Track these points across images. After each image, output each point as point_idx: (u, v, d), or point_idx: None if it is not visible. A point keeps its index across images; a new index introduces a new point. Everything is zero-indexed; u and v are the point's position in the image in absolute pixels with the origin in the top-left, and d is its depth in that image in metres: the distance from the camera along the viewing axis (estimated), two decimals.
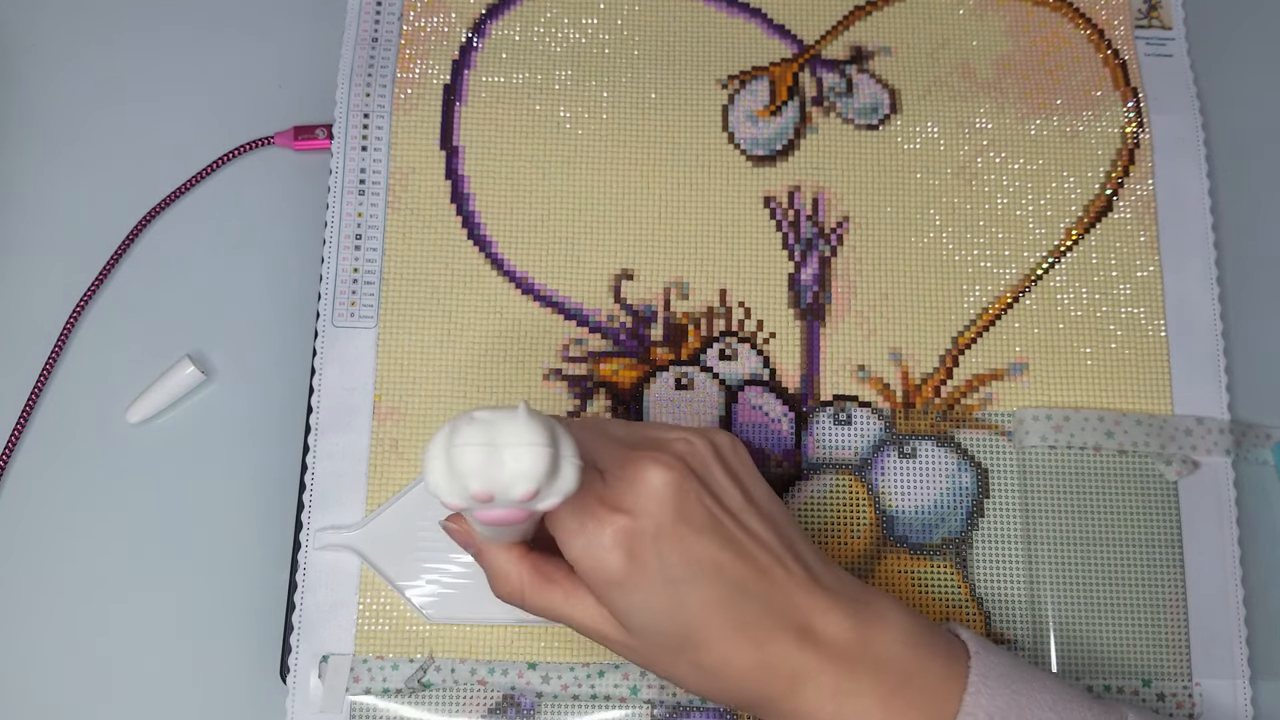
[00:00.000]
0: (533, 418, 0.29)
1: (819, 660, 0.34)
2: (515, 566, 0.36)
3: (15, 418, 0.47)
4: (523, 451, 0.29)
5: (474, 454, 0.29)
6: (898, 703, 0.34)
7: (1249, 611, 0.45)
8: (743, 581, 0.34)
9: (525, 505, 0.30)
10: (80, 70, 0.52)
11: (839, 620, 0.35)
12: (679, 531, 0.34)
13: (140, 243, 0.50)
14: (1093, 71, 0.51)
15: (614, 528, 0.33)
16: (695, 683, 0.35)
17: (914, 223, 0.49)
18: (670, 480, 0.34)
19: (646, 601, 0.34)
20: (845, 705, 0.34)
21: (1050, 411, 0.46)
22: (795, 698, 0.34)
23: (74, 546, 0.46)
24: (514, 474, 0.29)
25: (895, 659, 0.34)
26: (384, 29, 0.50)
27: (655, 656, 0.35)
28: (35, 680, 0.45)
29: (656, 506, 0.34)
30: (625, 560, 0.33)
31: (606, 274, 0.48)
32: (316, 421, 0.46)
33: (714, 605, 0.34)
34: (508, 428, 0.29)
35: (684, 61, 0.51)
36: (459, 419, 0.30)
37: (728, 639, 0.34)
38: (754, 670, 0.34)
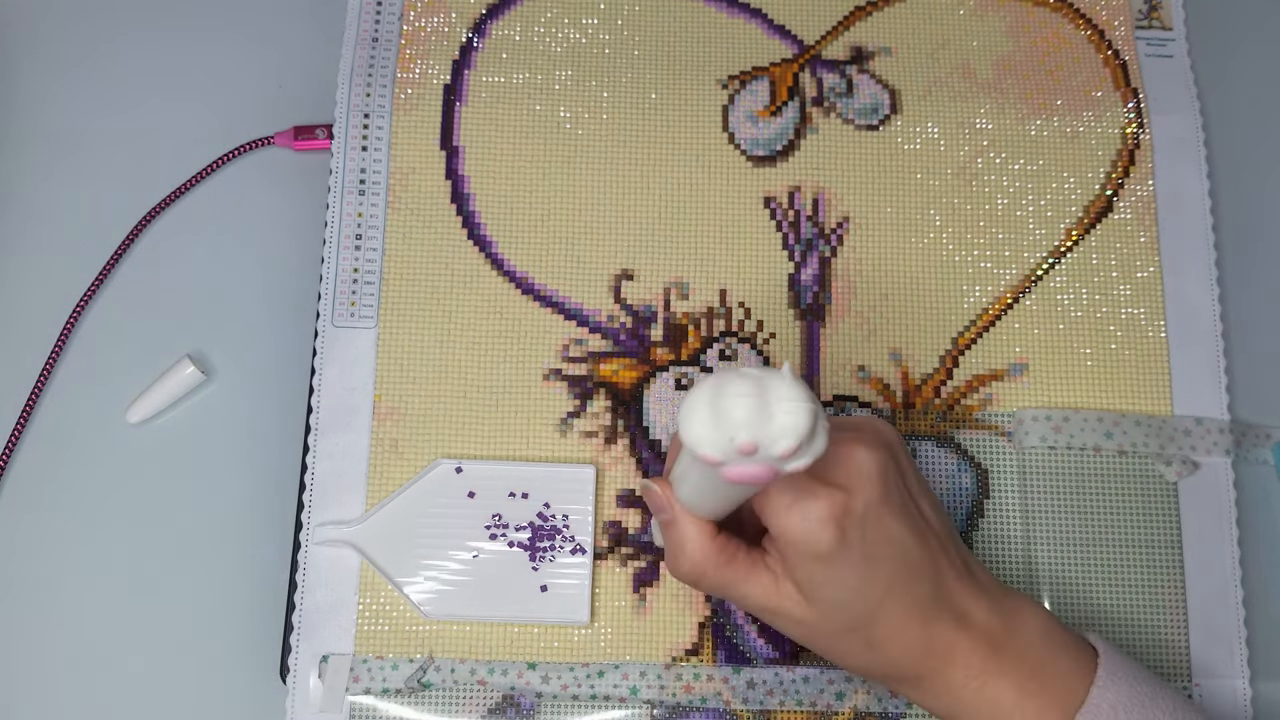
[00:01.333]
0: (797, 379, 0.30)
1: (970, 642, 0.36)
2: (705, 541, 0.37)
3: (15, 418, 0.47)
4: (793, 407, 0.30)
5: (746, 405, 0.29)
6: (1033, 685, 0.36)
7: (1249, 612, 0.45)
8: (920, 563, 0.36)
9: (781, 463, 0.31)
10: (80, 71, 0.52)
11: (987, 608, 0.37)
12: (881, 511, 0.35)
13: (140, 243, 0.50)
14: (1093, 72, 0.51)
15: (828, 503, 0.35)
16: (857, 659, 0.37)
17: (914, 223, 0.49)
18: (880, 460, 0.36)
19: (844, 577, 0.35)
20: (987, 684, 0.36)
21: (1050, 412, 0.46)
22: (944, 675, 0.37)
23: (74, 546, 0.46)
24: (782, 429, 0.30)
25: (1033, 649, 0.37)
26: (384, 29, 0.50)
27: (829, 631, 0.37)
28: (35, 680, 0.45)
29: (868, 485, 0.35)
30: (836, 536, 0.35)
31: (606, 274, 0.48)
32: (316, 421, 0.46)
33: (897, 585, 0.36)
34: (778, 385, 0.30)
35: (684, 62, 0.51)
36: (724, 373, 0.30)
37: (900, 616, 0.36)
38: (916, 648, 0.36)
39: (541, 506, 0.45)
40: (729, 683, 0.43)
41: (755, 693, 0.43)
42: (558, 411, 0.46)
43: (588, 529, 0.44)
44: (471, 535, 0.44)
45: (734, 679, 0.43)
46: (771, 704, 0.43)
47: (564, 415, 0.46)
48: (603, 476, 0.45)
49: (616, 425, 0.46)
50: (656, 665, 0.44)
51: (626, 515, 0.45)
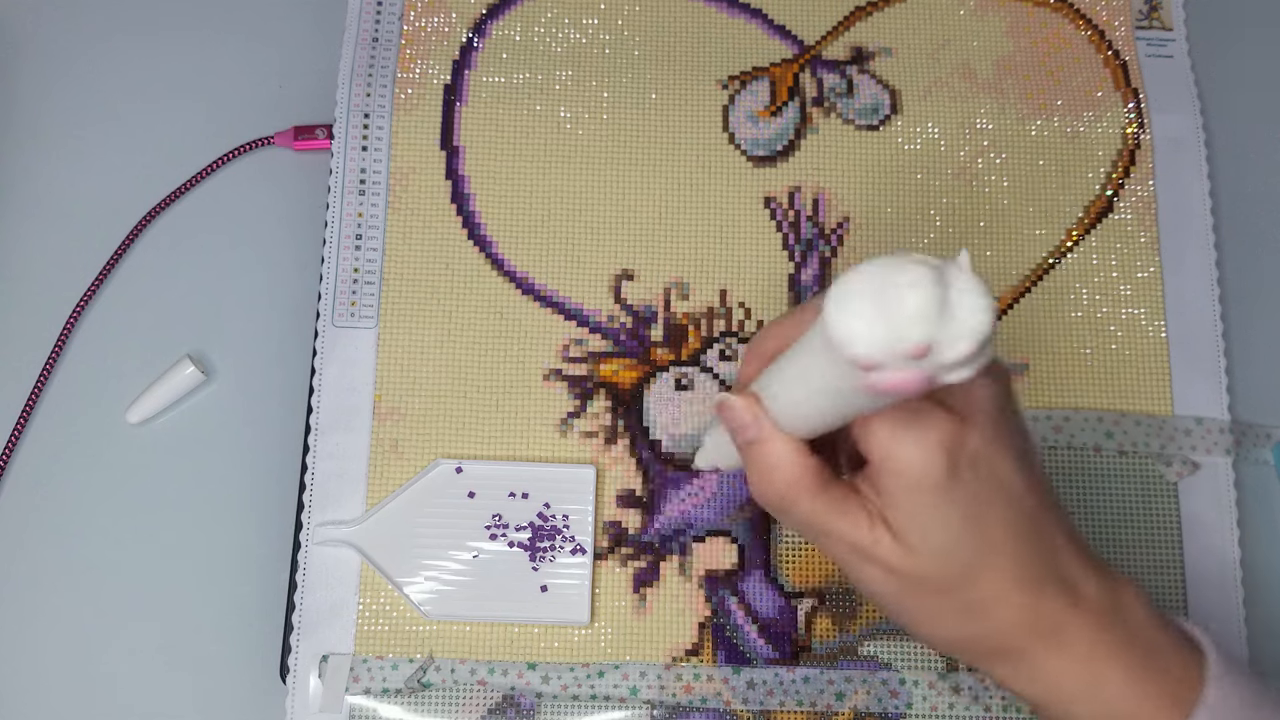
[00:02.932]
0: (976, 271, 0.26)
1: (1081, 619, 0.32)
2: (800, 462, 0.32)
3: (15, 418, 0.47)
4: (978, 303, 0.25)
5: (925, 296, 0.25)
6: (1143, 674, 0.32)
7: (1249, 612, 0.45)
8: (1032, 516, 0.32)
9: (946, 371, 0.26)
10: (81, 71, 0.52)
11: (1096, 578, 0.33)
12: (997, 449, 0.32)
13: (140, 243, 0.49)
14: (1093, 72, 0.51)
15: (940, 430, 0.31)
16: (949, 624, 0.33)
17: (914, 223, 0.49)
18: (998, 393, 0.32)
19: (949, 518, 0.31)
20: (1097, 667, 0.32)
21: (1050, 412, 0.46)
22: (1047, 653, 0.33)
23: (74, 546, 0.46)
24: (966, 325, 0.25)
25: (1143, 634, 0.33)
26: (384, 29, 0.50)
27: (923, 586, 0.32)
28: (36, 680, 0.44)
29: (985, 418, 0.31)
30: (948, 465, 0.31)
31: (606, 274, 0.48)
32: (316, 421, 0.46)
33: (1008, 539, 0.32)
34: (959, 275, 0.25)
35: (684, 62, 0.51)
36: (891, 258, 0.25)
37: (1009, 574, 0.32)
38: (1023, 615, 0.32)
39: (541, 507, 0.45)
40: (729, 683, 0.43)
41: (755, 693, 0.43)
42: (558, 411, 0.46)
43: (588, 529, 0.44)
44: (471, 535, 0.44)
45: (734, 679, 0.43)
46: (771, 704, 0.43)
47: (564, 415, 0.46)
48: (603, 476, 0.45)
49: (616, 425, 0.46)
50: (656, 665, 0.44)
51: (627, 515, 0.45)
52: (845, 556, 0.33)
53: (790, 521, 0.34)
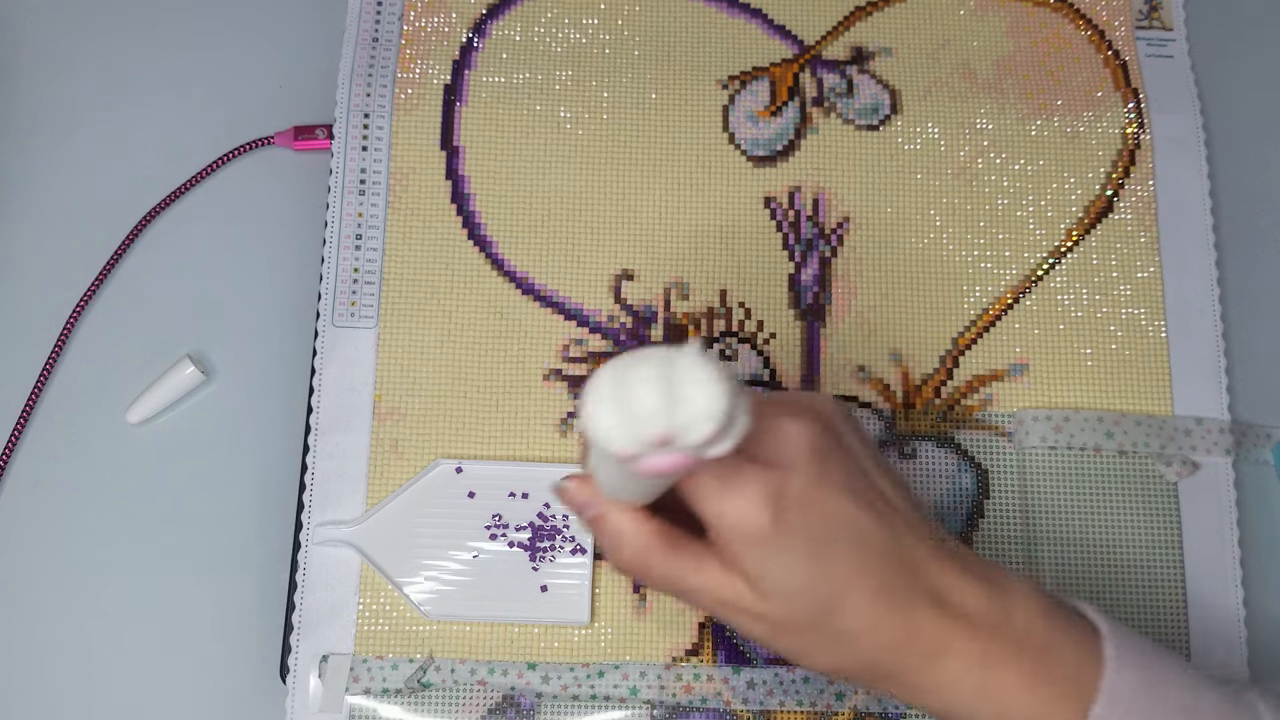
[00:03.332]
0: (708, 355, 0.27)
1: (961, 630, 0.33)
2: (642, 528, 0.34)
3: (15, 418, 0.47)
4: (707, 389, 0.27)
5: (654, 394, 0.26)
6: (1038, 676, 0.33)
7: (1249, 612, 0.45)
8: (884, 545, 0.33)
9: (701, 450, 0.28)
10: (80, 70, 0.52)
11: (974, 588, 0.33)
12: (822, 489, 0.32)
13: (140, 243, 0.49)
14: (1093, 72, 0.51)
15: (759, 482, 0.32)
16: (828, 656, 0.34)
17: (914, 223, 0.49)
18: (813, 435, 0.33)
19: (789, 562, 0.32)
20: (989, 677, 0.33)
21: (1050, 412, 0.46)
22: (934, 669, 0.33)
23: (74, 546, 0.46)
24: (696, 413, 0.27)
25: (1035, 630, 0.33)
26: (384, 29, 0.50)
27: (790, 627, 0.33)
28: (36, 680, 0.44)
29: (802, 462, 0.32)
30: (771, 516, 0.32)
31: (606, 274, 0.48)
32: (316, 421, 0.46)
33: (858, 568, 0.32)
34: (686, 367, 0.27)
35: (684, 62, 0.51)
36: (625, 359, 0.27)
37: (869, 604, 0.32)
38: (896, 639, 0.33)
39: (541, 506, 0.45)
40: (729, 683, 0.43)
41: (755, 693, 0.43)
42: (558, 411, 0.46)
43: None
44: (471, 535, 0.44)
45: (734, 679, 0.43)
46: (771, 704, 0.43)
47: (564, 415, 0.46)
48: None
49: None
50: (656, 665, 0.44)
51: None
52: (713, 609, 0.34)
53: (651, 584, 0.35)
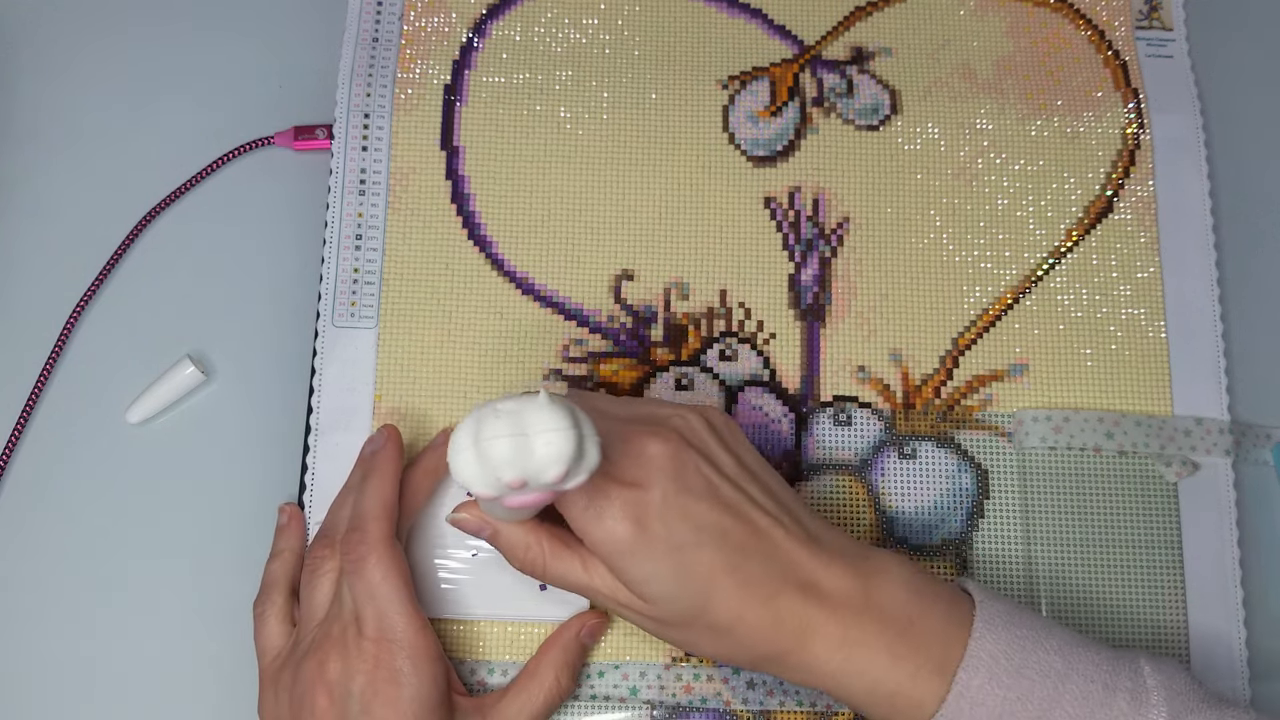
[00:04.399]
0: (555, 403, 0.31)
1: (823, 612, 0.35)
2: (533, 537, 0.38)
3: (15, 418, 0.47)
4: (552, 437, 0.30)
5: (504, 445, 0.30)
6: (902, 648, 0.35)
7: (1248, 613, 0.45)
8: (744, 543, 0.36)
9: (554, 487, 0.32)
10: (80, 70, 0.52)
11: (839, 574, 0.36)
12: (681, 500, 0.36)
13: (140, 243, 0.49)
14: (1093, 72, 0.51)
15: (621, 500, 0.35)
16: (711, 646, 0.37)
17: (914, 224, 0.49)
18: (670, 452, 0.36)
19: (657, 569, 0.35)
20: (853, 654, 0.35)
21: (1050, 412, 0.46)
22: (804, 650, 0.36)
23: (74, 547, 0.46)
24: (544, 459, 0.30)
25: (898, 607, 0.36)
26: (384, 29, 0.50)
27: (672, 624, 0.37)
28: (36, 680, 0.44)
29: (659, 477, 0.36)
30: (633, 530, 0.35)
31: (606, 274, 0.48)
32: (316, 421, 0.46)
33: (720, 567, 0.35)
34: (534, 416, 0.31)
35: (684, 62, 0.51)
36: (482, 411, 0.31)
37: (735, 597, 0.35)
38: (764, 626, 0.35)
39: None
40: (729, 683, 0.43)
41: (755, 693, 0.43)
42: None
43: None
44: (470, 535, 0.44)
45: (734, 679, 0.43)
46: (771, 704, 0.43)
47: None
48: None
49: None
50: (656, 665, 0.44)
51: None
52: (608, 606, 0.38)
53: (558, 585, 0.39)
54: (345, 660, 0.38)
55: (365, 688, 0.37)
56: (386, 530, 0.40)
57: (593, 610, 0.43)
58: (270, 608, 0.42)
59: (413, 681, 0.38)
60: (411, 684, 0.38)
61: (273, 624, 0.41)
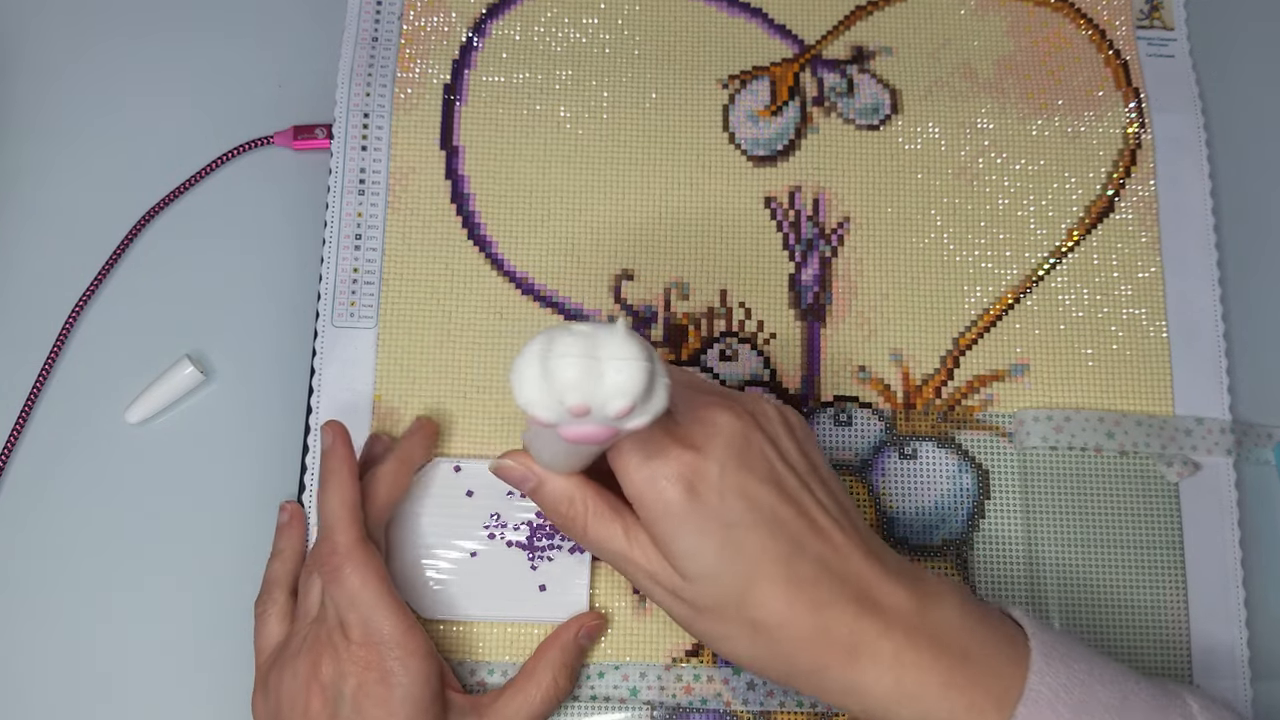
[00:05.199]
0: (630, 334, 0.29)
1: (879, 629, 0.33)
2: (580, 492, 0.36)
3: (15, 418, 0.47)
4: (624, 365, 0.29)
5: (574, 365, 0.28)
6: (959, 678, 0.33)
7: (1249, 612, 0.45)
8: (801, 538, 0.34)
9: (618, 422, 0.30)
10: (80, 70, 0.52)
11: (898, 591, 0.34)
12: (741, 476, 0.34)
13: (140, 243, 0.49)
14: (1094, 72, 0.51)
15: (679, 462, 0.34)
16: (747, 646, 0.34)
17: (915, 223, 0.49)
18: (739, 427, 0.34)
19: (702, 542, 0.34)
20: (906, 677, 0.33)
21: (1051, 412, 0.46)
22: (852, 667, 0.33)
23: (74, 546, 0.46)
24: (614, 387, 0.29)
25: (955, 634, 0.34)
26: (384, 29, 0.50)
27: (707, 608, 0.34)
28: (35, 680, 0.44)
29: (723, 448, 0.34)
30: (685, 495, 0.33)
31: (606, 274, 0.48)
32: (316, 421, 0.46)
33: (771, 554, 0.34)
34: (609, 341, 0.29)
35: (685, 61, 0.51)
36: (554, 331, 0.29)
37: (782, 593, 0.33)
38: (811, 633, 0.33)
39: None
40: (729, 683, 0.43)
41: (755, 693, 0.43)
42: None
43: None
44: (470, 534, 0.44)
45: (734, 680, 0.43)
46: (771, 705, 0.43)
47: None
48: None
49: None
50: (656, 666, 0.43)
51: None
52: (643, 583, 0.36)
53: (588, 547, 0.37)
54: (337, 663, 0.38)
55: (356, 690, 0.38)
56: (355, 534, 0.40)
57: (591, 611, 0.43)
58: (271, 606, 0.42)
59: (403, 681, 0.38)
60: (402, 683, 0.38)
61: (273, 623, 0.41)
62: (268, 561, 0.43)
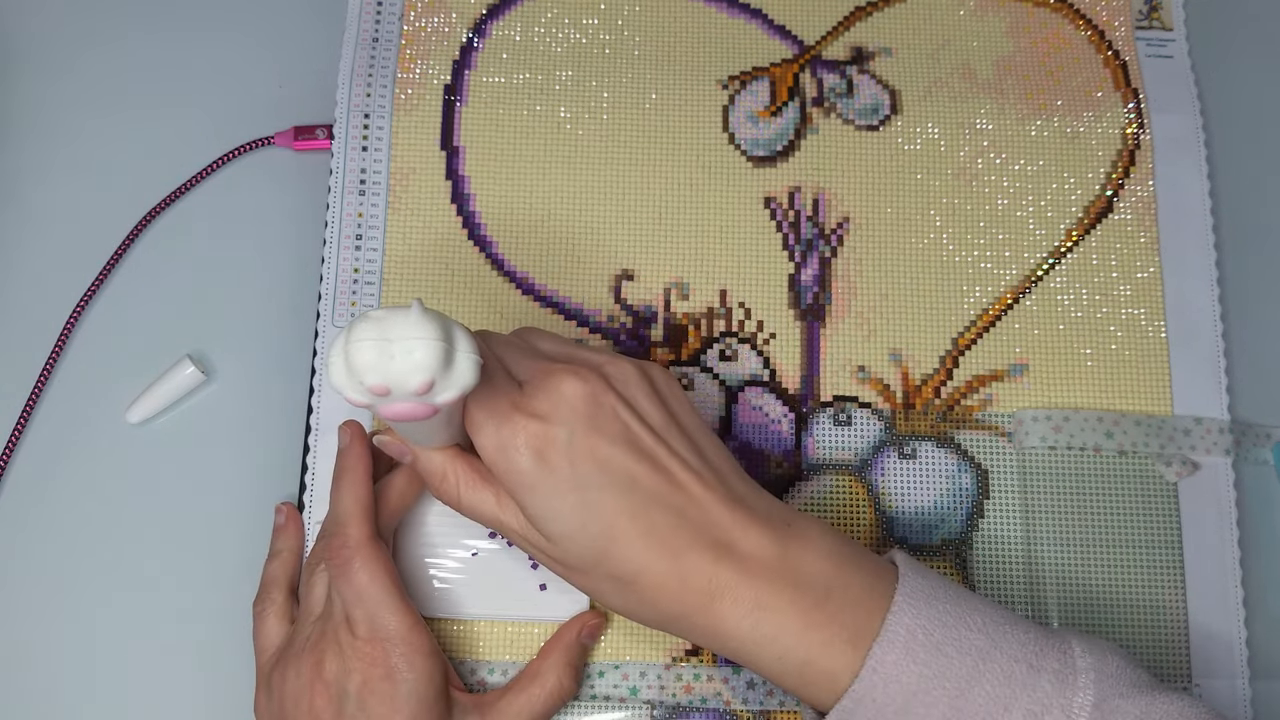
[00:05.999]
0: (425, 314, 0.30)
1: (736, 574, 0.34)
2: (450, 464, 0.37)
3: (15, 418, 0.47)
4: (414, 344, 0.30)
5: (368, 349, 0.30)
6: (818, 616, 0.34)
7: (1249, 612, 0.45)
8: (656, 492, 0.35)
9: (423, 399, 0.31)
10: (80, 71, 0.52)
11: (758, 536, 0.35)
12: (591, 440, 0.34)
13: (140, 243, 0.50)
14: (1093, 72, 0.51)
15: (526, 432, 0.34)
16: (616, 598, 0.36)
17: (914, 224, 0.49)
18: (585, 391, 0.35)
19: (557, 506, 0.34)
20: (763, 620, 0.34)
21: (1050, 412, 0.46)
22: (712, 612, 0.34)
23: (74, 546, 0.46)
24: (407, 367, 0.30)
25: (816, 575, 0.34)
26: (384, 29, 0.50)
27: (575, 567, 0.35)
28: (35, 680, 0.44)
29: (569, 413, 0.35)
30: (535, 463, 0.34)
31: (606, 274, 0.48)
32: (316, 421, 0.46)
33: (625, 513, 0.34)
34: (399, 323, 0.30)
35: (684, 62, 0.51)
36: (355, 319, 0.31)
37: (638, 546, 0.34)
38: (669, 582, 0.34)
39: None
40: (729, 683, 0.43)
41: (755, 693, 0.43)
42: None
43: None
44: (470, 534, 0.44)
45: (734, 679, 0.43)
46: (771, 704, 0.43)
47: None
48: None
49: None
50: (656, 665, 0.44)
51: None
52: (523, 546, 0.37)
53: (469, 516, 0.37)
54: (341, 660, 0.38)
55: (361, 686, 0.38)
56: (367, 531, 0.40)
57: (592, 610, 0.43)
58: (270, 606, 0.42)
59: (408, 678, 0.38)
60: (407, 680, 0.38)
61: (271, 622, 0.41)
62: (265, 562, 0.43)
